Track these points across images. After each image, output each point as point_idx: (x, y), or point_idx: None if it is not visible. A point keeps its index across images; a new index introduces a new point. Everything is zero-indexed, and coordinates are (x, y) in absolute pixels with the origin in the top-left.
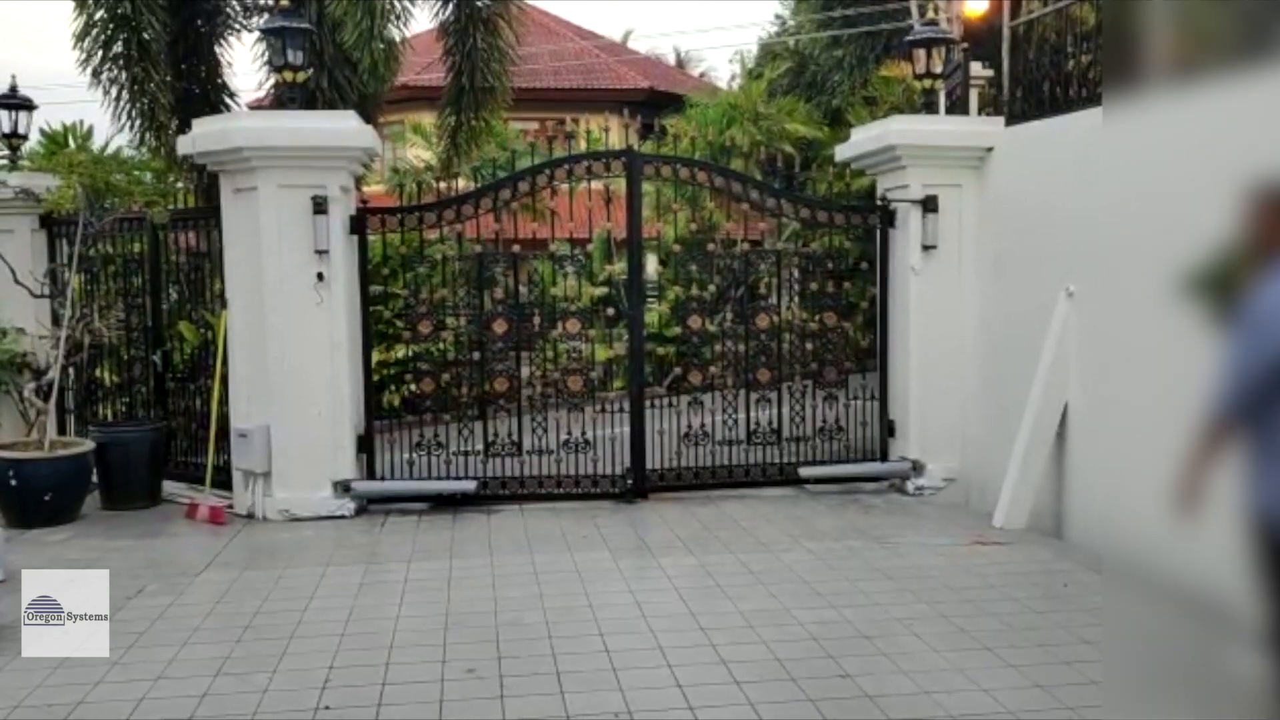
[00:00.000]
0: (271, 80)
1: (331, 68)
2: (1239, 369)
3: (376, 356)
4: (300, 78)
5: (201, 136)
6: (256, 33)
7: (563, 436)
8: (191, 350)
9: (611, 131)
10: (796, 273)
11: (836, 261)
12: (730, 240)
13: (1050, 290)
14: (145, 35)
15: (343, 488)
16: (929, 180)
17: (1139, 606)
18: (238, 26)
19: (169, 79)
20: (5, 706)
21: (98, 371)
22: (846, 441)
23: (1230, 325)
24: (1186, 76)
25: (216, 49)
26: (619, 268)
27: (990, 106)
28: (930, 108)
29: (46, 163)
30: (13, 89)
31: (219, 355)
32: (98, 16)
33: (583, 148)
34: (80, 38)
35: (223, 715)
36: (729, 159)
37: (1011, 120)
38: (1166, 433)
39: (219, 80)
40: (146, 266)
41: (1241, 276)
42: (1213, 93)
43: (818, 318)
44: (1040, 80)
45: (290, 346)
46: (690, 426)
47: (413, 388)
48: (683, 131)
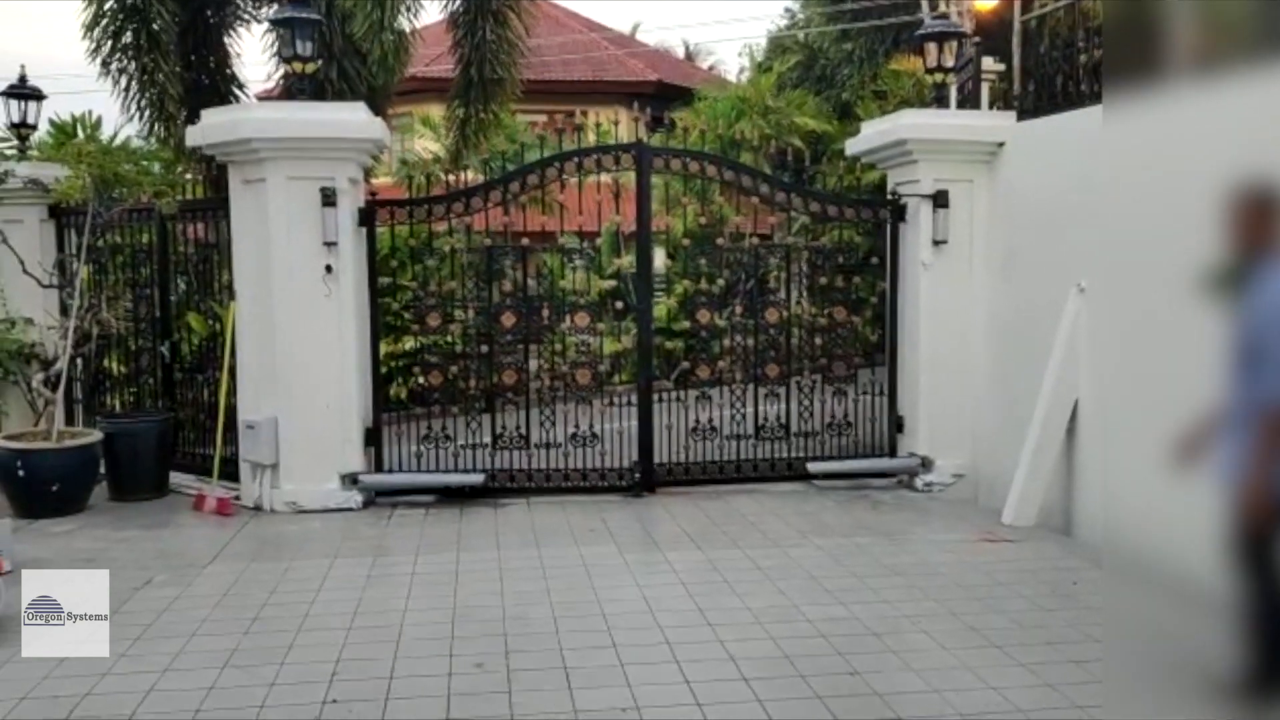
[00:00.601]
0: (281, 71)
1: (341, 59)
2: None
3: (384, 348)
4: (309, 69)
5: (210, 127)
6: (266, 23)
7: (570, 430)
8: (199, 341)
9: (620, 124)
10: (806, 267)
11: (846, 256)
12: (739, 234)
13: (1062, 286)
14: (155, 25)
15: (350, 480)
16: (940, 175)
17: (1144, 603)
18: (247, 17)
19: (178, 69)
20: (12, 699)
21: (106, 362)
22: (855, 437)
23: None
24: (1206, 69)
25: (226, 39)
26: (627, 261)
27: (1001, 101)
28: (941, 102)
29: (55, 153)
30: (22, 79)
31: (227, 347)
32: (107, 7)
33: (592, 141)
34: (90, 28)
35: (229, 708)
36: (738, 152)
37: (1023, 115)
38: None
39: (228, 71)
40: (155, 257)
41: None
42: (1232, 85)
43: (827, 312)
44: (1052, 75)
45: (298, 338)
46: (698, 421)
47: (421, 380)
48: (692, 125)
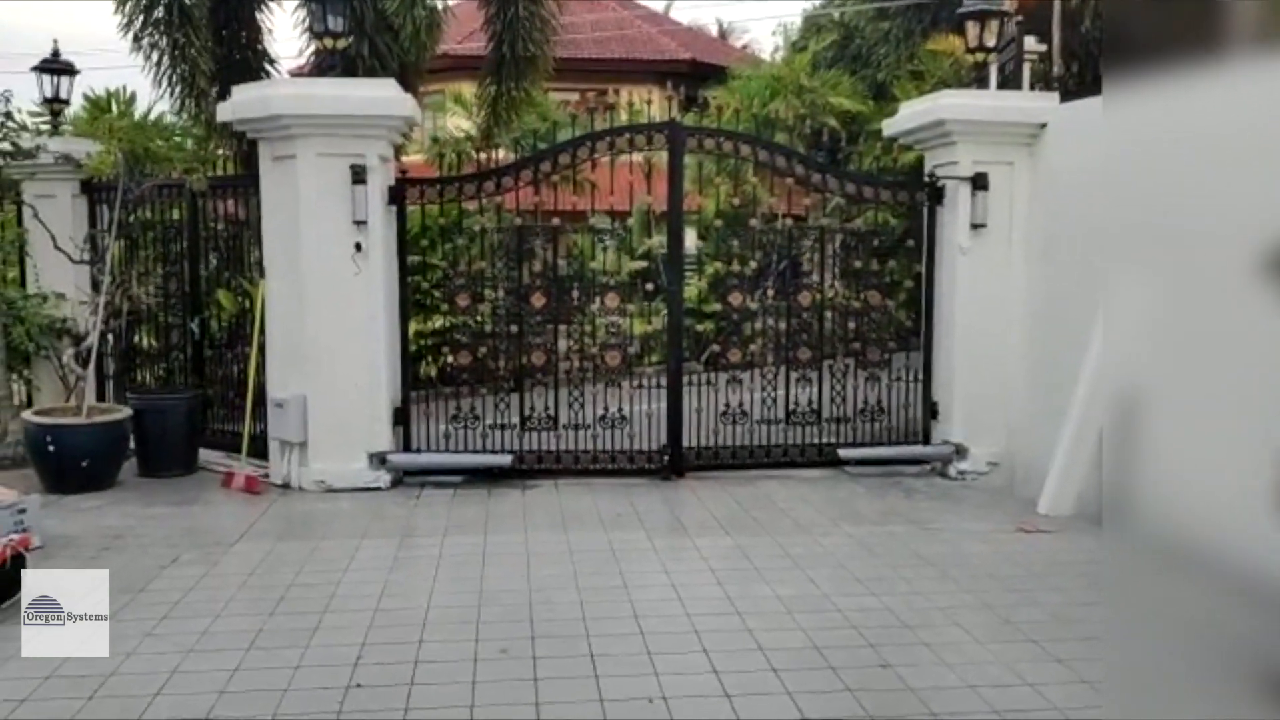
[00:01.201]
0: (312, 47)
1: (372, 35)
2: None
3: (413, 327)
4: (341, 44)
5: (241, 103)
6: None
7: (599, 412)
8: (229, 318)
9: (652, 103)
10: (840, 249)
11: (882, 239)
12: (771, 215)
13: (1104, 271)
14: (187, 1)
15: (379, 460)
16: (979, 157)
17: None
18: None
19: (209, 45)
20: (36, 678)
21: (136, 338)
22: (888, 423)
23: None
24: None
25: (257, 15)
26: (657, 241)
27: (1042, 82)
28: (982, 82)
29: (88, 128)
30: (55, 54)
31: (256, 324)
32: None
33: (624, 119)
34: (122, 2)
35: (254, 690)
36: (772, 132)
37: (1066, 96)
38: (1229, 423)
39: (259, 47)
40: (185, 234)
41: None
42: None
43: (861, 296)
44: (1096, 55)
45: (327, 317)
46: (728, 404)
47: (449, 359)
48: (725, 104)
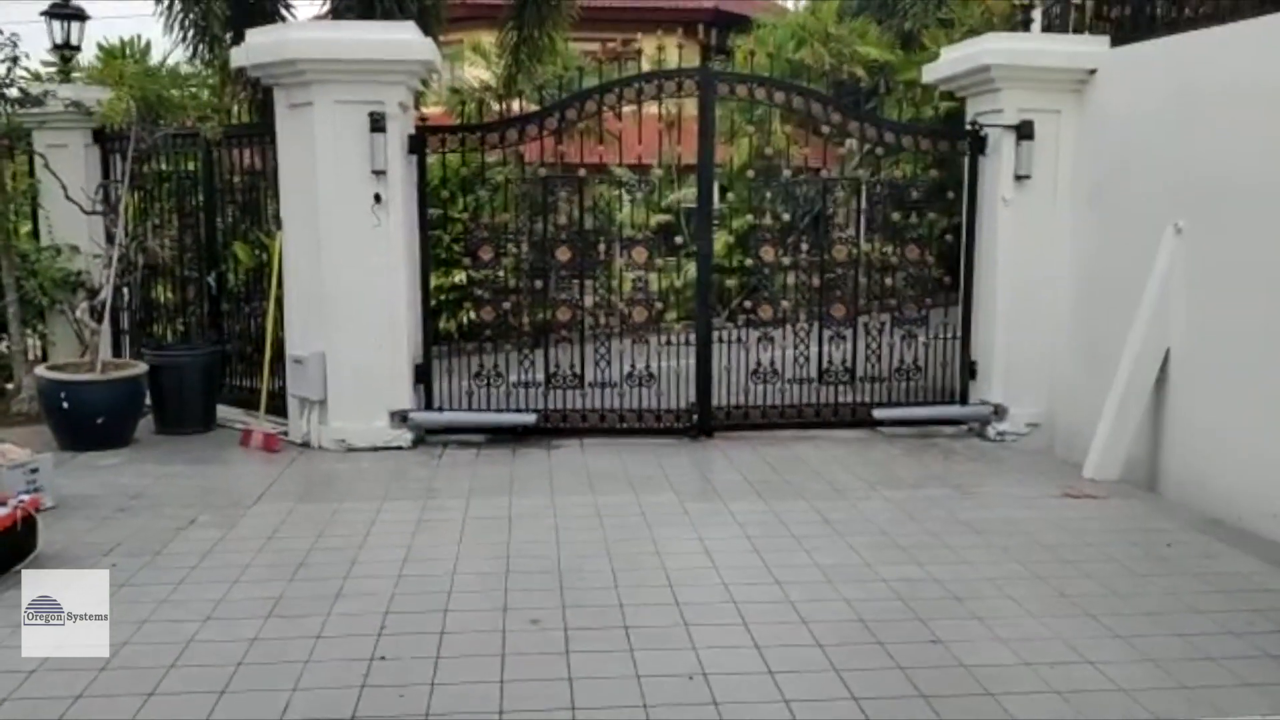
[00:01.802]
0: None
1: None
2: None
3: (434, 281)
4: None
5: (255, 48)
6: None
7: (625, 369)
8: (246, 272)
9: (683, 47)
10: (876, 201)
11: (919, 191)
12: (801, 166)
13: (1155, 226)
14: None
15: (400, 418)
16: (1025, 104)
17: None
18: None
19: None
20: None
21: (152, 292)
22: (924, 382)
23: None
24: None
25: None
26: (682, 194)
27: (1090, 26)
28: (1026, 26)
29: (101, 76)
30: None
31: (274, 278)
32: None
33: (647, 69)
34: None
35: (274, 661)
36: (807, 79)
37: (1117, 41)
38: None
39: None
40: (200, 185)
41: None
42: None
43: (897, 250)
44: None
45: (346, 271)
46: (759, 363)
47: (471, 315)
48: (757, 50)
